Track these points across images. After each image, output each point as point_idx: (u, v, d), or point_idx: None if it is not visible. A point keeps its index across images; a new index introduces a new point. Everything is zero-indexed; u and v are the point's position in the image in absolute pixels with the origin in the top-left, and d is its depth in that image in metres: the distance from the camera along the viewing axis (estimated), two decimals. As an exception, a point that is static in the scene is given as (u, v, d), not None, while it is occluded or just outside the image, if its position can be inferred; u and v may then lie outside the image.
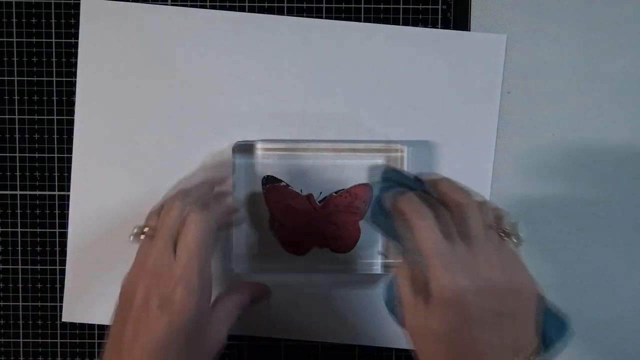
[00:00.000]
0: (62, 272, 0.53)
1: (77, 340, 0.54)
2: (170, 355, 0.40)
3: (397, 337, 0.54)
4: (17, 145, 0.53)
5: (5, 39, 0.52)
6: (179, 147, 0.51)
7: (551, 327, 0.41)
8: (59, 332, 0.54)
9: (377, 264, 0.52)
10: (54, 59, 0.52)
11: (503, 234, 0.41)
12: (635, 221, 0.53)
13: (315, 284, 0.53)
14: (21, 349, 0.54)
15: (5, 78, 0.52)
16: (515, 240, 0.41)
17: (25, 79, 0.52)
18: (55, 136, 0.53)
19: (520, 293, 0.39)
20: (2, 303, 0.54)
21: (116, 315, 0.42)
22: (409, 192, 0.42)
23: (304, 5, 0.52)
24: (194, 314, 0.40)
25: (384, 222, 0.44)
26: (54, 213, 0.53)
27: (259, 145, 0.51)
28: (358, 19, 0.52)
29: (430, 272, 0.38)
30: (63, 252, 0.53)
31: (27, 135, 0.53)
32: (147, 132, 0.52)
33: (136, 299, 0.41)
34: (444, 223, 0.40)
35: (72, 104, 0.52)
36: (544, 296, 0.41)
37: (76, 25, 0.52)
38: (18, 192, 0.53)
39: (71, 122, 0.52)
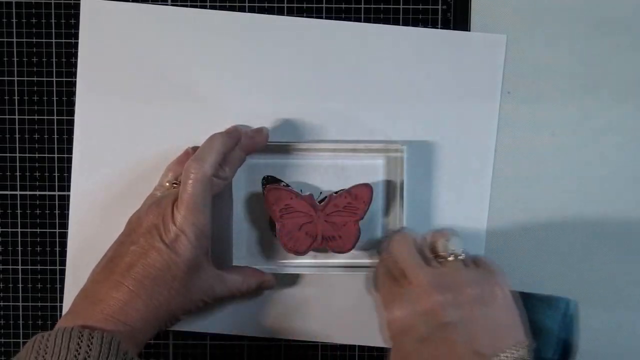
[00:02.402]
0: (62, 272, 0.53)
1: (77, 340, 0.54)
2: (157, 288, 0.44)
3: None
4: (17, 145, 0.53)
5: (5, 39, 0.52)
6: (179, 147, 0.51)
7: (541, 315, 0.43)
8: (59, 332, 0.54)
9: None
10: (54, 59, 0.52)
11: (442, 258, 0.44)
12: (636, 221, 0.53)
13: (315, 283, 0.53)
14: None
15: (5, 78, 0.52)
16: (457, 258, 0.44)
17: (25, 79, 0.52)
18: (55, 136, 0.53)
19: (474, 302, 0.41)
20: (2, 303, 0.54)
21: (117, 242, 0.46)
22: (380, 259, 0.47)
23: (304, 5, 0.52)
24: (188, 261, 0.44)
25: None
26: (54, 213, 0.53)
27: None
28: (358, 19, 0.52)
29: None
30: (63, 252, 0.53)
31: (27, 135, 0.53)
32: (147, 132, 0.52)
33: (140, 232, 0.45)
34: (392, 275, 0.45)
35: (72, 104, 0.52)
36: (528, 293, 0.43)
37: (76, 25, 0.52)
38: (18, 192, 0.53)
39: (71, 122, 0.52)
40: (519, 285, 0.44)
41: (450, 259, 0.44)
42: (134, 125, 0.52)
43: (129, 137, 0.52)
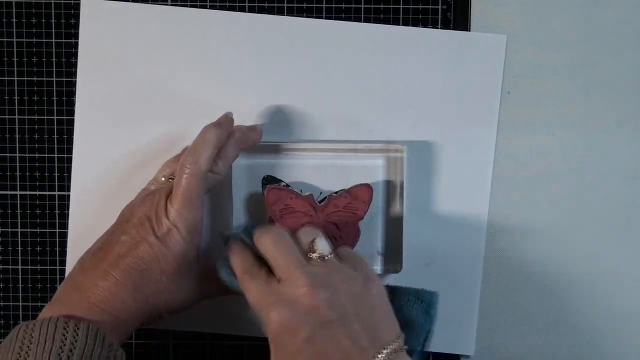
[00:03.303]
0: (62, 272, 0.53)
1: (77, 340, 0.54)
2: (145, 280, 0.44)
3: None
4: (17, 145, 0.53)
5: (5, 39, 0.52)
6: (179, 147, 0.51)
7: (409, 308, 0.43)
8: (59, 332, 0.54)
9: (377, 264, 0.52)
10: (54, 59, 0.52)
11: (317, 257, 0.43)
12: (636, 220, 0.53)
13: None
14: (21, 349, 0.54)
15: (5, 78, 0.52)
16: (326, 257, 0.43)
17: (25, 79, 0.52)
18: (55, 136, 0.53)
19: (353, 299, 0.41)
20: (2, 303, 0.54)
21: (108, 231, 0.46)
22: (238, 252, 0.45)
23: (304, 5, 0.52)
24: (177, 256, 0.44)
25: (231, 279, 0.45)
26: (54, 213, 0.53)
27: (259, 146, 0.51)
28: (358, 19, 0.52)
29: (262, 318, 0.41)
30: (63, 252, 0.53)
31: (27, 135, 0.53)
32: (147, 132, 0.52)
33: (132, 222, 0.45)
34: (263, 272, 0.43)
35: (72, 104, 0.52)
36: (395, 287, 0.43)
37: (76, 25, 0.52)
38: (18, 192, 0.53)
39: (71, 122, 0.52)
40: (519, 285, 0.44)
41: (327, 257, 0.43)
42: (133, 125, 0.52)
43: (128, 136, 0.52)
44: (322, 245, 0.43)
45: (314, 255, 0.43)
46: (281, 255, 0.42)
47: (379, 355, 0.39)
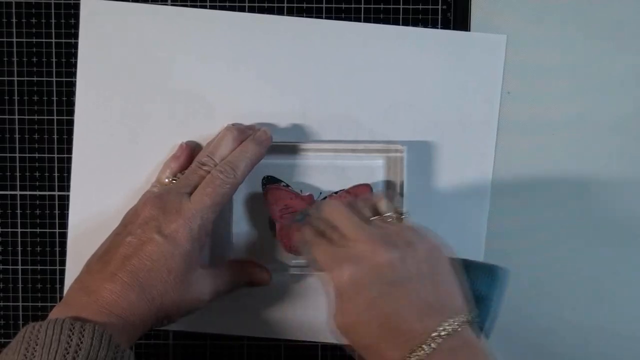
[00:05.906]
0: (62, 272, 0.53)
1: (77, 340, 0.54)
2: (152, 280, 0.43)
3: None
4: (17, 145, 0.53)
5: (5, 39, 0.52)
6: (178, 147, 0.51)
7: (481, 283, 0.43)
8: (59, 332, 0.54)
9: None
10: (54, 59, 0.52)
11: (387, 217, 0.44)
12: (637, 221, 0.53)
13: (314, 283, 0.53)
14: (21, 349, 0.54)
15: (5, 78, 0.52)
16: (399, 218, 0.44)
17: (25, 79, 0.52)
18: (55, 136, 0.53)
19: (422, 260, 0.41)
20: (2, 303, 0.54)
21: (113, 233, 0.46)
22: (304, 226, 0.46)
23: (304, 5, 0.52)
24: (185, 254, 0.44)
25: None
26: (54, 213, 0.53)
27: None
28: (358, 19, 0.52)
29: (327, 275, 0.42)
30: (63, 252, 0.53)
31: (27, 135, 0.53)
32: (147, 132, 0.52)
33: (137, 223, 0.45)
34: (327, 237, 0.44)
35: (72, 104, 0.52)
36: (459, 258, 0.43)
37: (76, 25, 0.52)
38: (18, 192, 0.53)
39: (71, 122, 0.52)
40: (520, 285, 0.44)
41: (388, 219, 0.44)
42: (133, 125, 0.52)
43: (128, 136, 0.52)
44: (384, 207, 0.44)
45: (374, 218, 0.44)
46: (340, 216, 0.43)
47: (444, 324, 0.39)
